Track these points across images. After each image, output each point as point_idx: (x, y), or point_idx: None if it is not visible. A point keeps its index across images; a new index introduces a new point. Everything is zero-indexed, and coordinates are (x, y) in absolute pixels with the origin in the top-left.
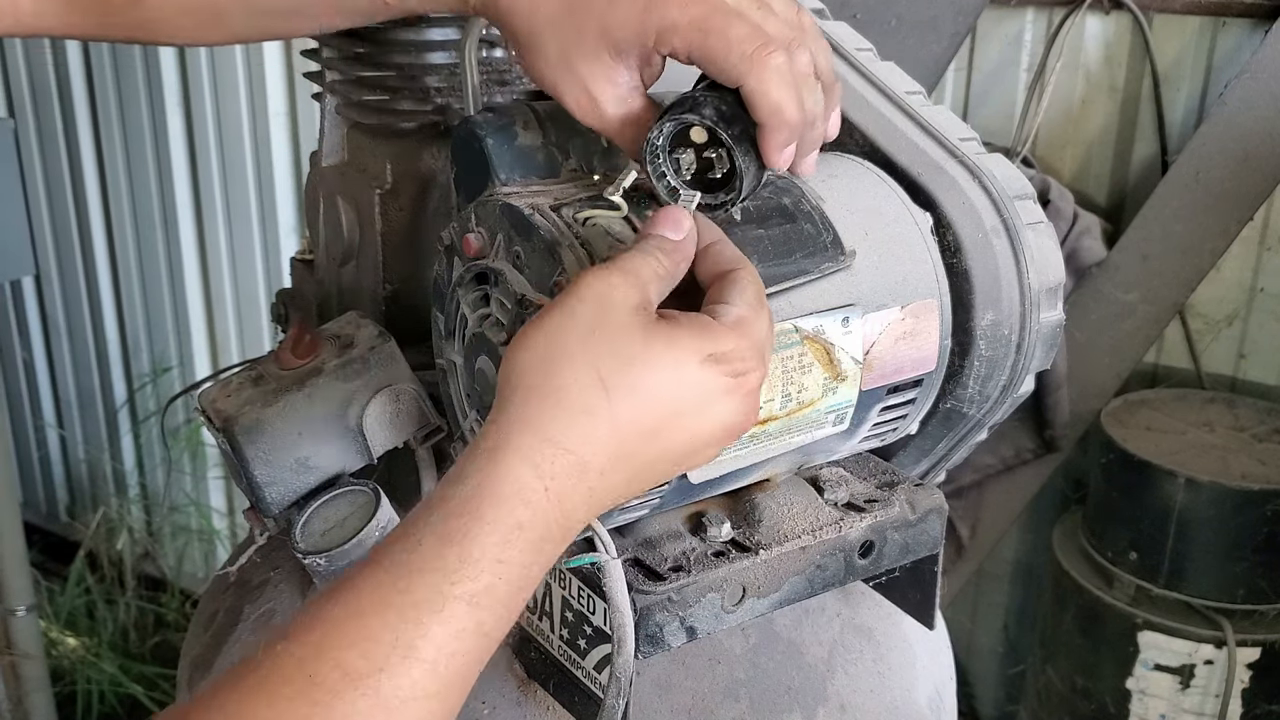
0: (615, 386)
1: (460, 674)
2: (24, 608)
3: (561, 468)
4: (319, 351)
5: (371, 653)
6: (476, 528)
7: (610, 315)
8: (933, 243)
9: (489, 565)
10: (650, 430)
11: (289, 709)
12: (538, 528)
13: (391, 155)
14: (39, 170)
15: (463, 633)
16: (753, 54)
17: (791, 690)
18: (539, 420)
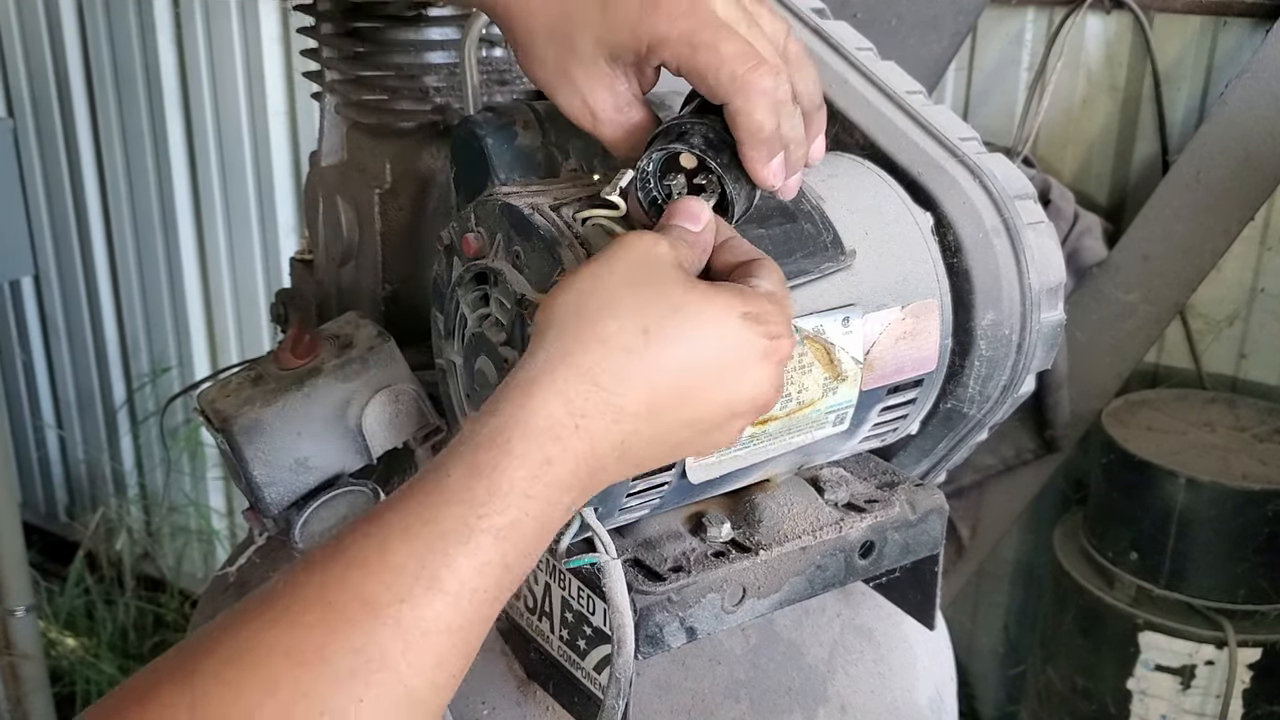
0: (657, 332)
1: (482, 610)
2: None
3: (595, 405)
4: (318, 351)
5: (394, 583)
6: (505, 461)
7: (655, 268)
8: (933, 242)
9: (517, 500)
10: (686, 386)
11: (307, 636)
12: (566, 464)
13: (391, 155)
14: (38, 170)
15: (487, 566)
16: (742, 74)
17: (792, 691)
18: (576, 354)
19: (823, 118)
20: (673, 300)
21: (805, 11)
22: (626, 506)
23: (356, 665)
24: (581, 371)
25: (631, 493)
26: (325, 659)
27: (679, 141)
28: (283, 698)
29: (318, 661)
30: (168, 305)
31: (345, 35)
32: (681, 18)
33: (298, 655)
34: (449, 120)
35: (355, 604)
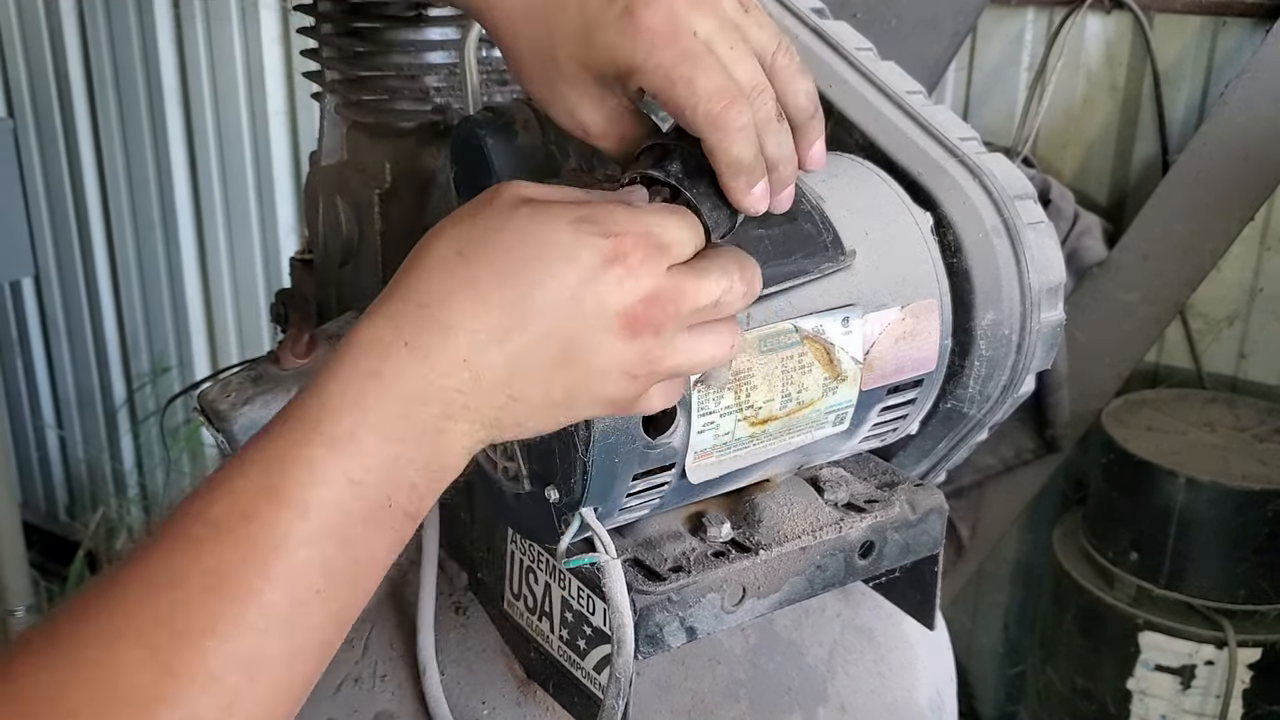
0: (473, 247)
1: (335, 523)
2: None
3: (419, 322)
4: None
5: (235, 504)
6: (333, 379)
7: (490, 202)
8: (933, 242)
9: (349, 411)
10: (516, 298)
11: (162, 562)
12: (401, 382)
13: (391, 155)
14: (38, 170)
15: (330, 479)
16: (718, 114)
17: (792, 691)
18: (401, 283)
19: (818, 124)
20: (493, 221)
21: (805, 11)
22: (626, 506)
23: (210, 583)
24: (403, 298)
25: (631, 492)
26: (176, 581)
27: (656, 167)
28: (140, 623)
29: (169, 584)
30: (168, 305)
31: (345, 35)
32: (658, 49)
33: (151, 580)
34: (449, 120)
35: (204, 529)
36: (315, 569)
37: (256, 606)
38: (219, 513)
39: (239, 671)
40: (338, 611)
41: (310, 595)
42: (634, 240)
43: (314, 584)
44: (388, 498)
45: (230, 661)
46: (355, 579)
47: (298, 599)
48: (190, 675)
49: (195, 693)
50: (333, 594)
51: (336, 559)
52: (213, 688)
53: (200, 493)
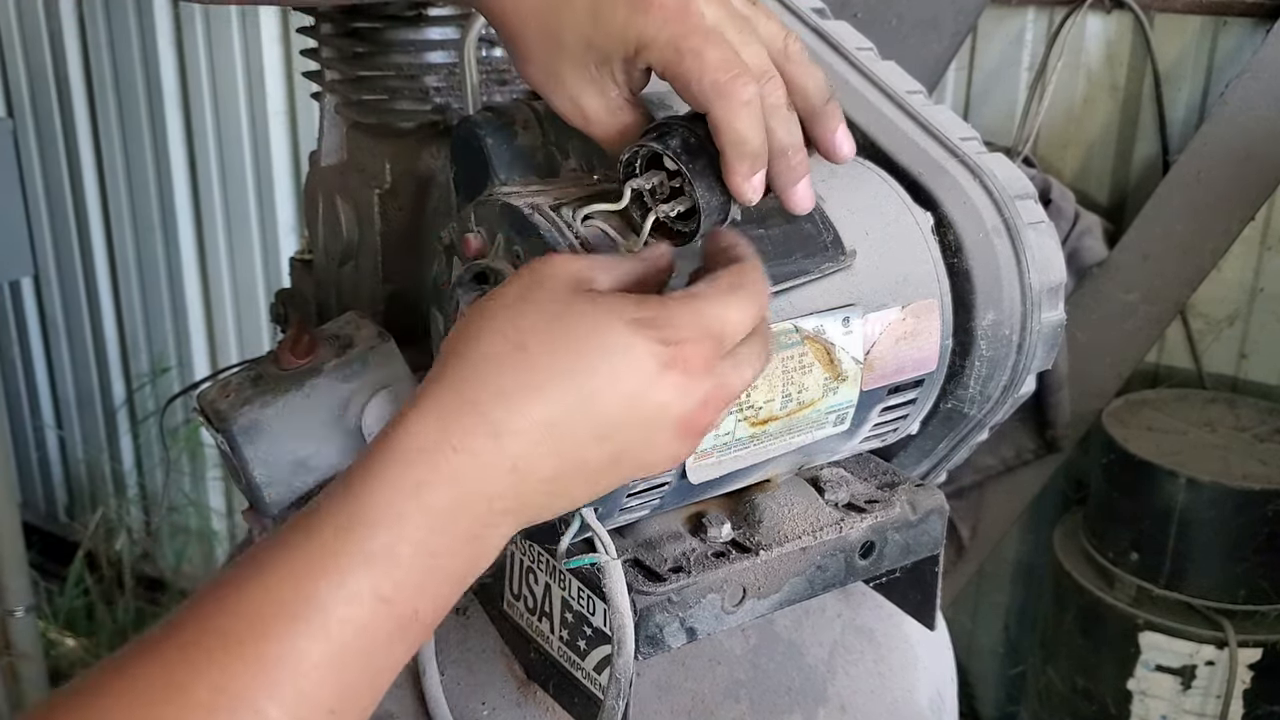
0: (535, 344)
1: (356, 645)
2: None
3: (471, 424)
4: (318, 352)
5: (250, 615)
6: (374, 484)
7: (541, 285)
8: (933, 242)
9: (387, 523)
10: (578, 399)
11: (167, 672)
12: (447, 493)
13: (391, 155)
14: (38, 170)
15: (358, 598)
16: (724, 83)
17: (792, 691)
18: (452, 379)
19: (834, 111)
20: (550, 311)
21: (805, 11)
22: (626, 507)
23: (218, 703)
24: (456, 393)
25: (631, 493)
26: (186, 695)
27: (658, 141)
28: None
29: (179, 697)
30: (167, 305)
31: (345, 35)
32: (669, 22)
33: (147, 691)
34: (449, 120)
35: (214, 640)
36: (330, 690)
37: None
38: (231, 625)
39: None
40: (336, 711)
41: (322, 714)
42: (694, 347)
43: (327, 704)
44: (416, 611)
45: None
46: (373, 691)
47: (306, 719)
48: None
49: None
50: (346, 712)
51: (354, 678)
52: None
53: (216, 592)
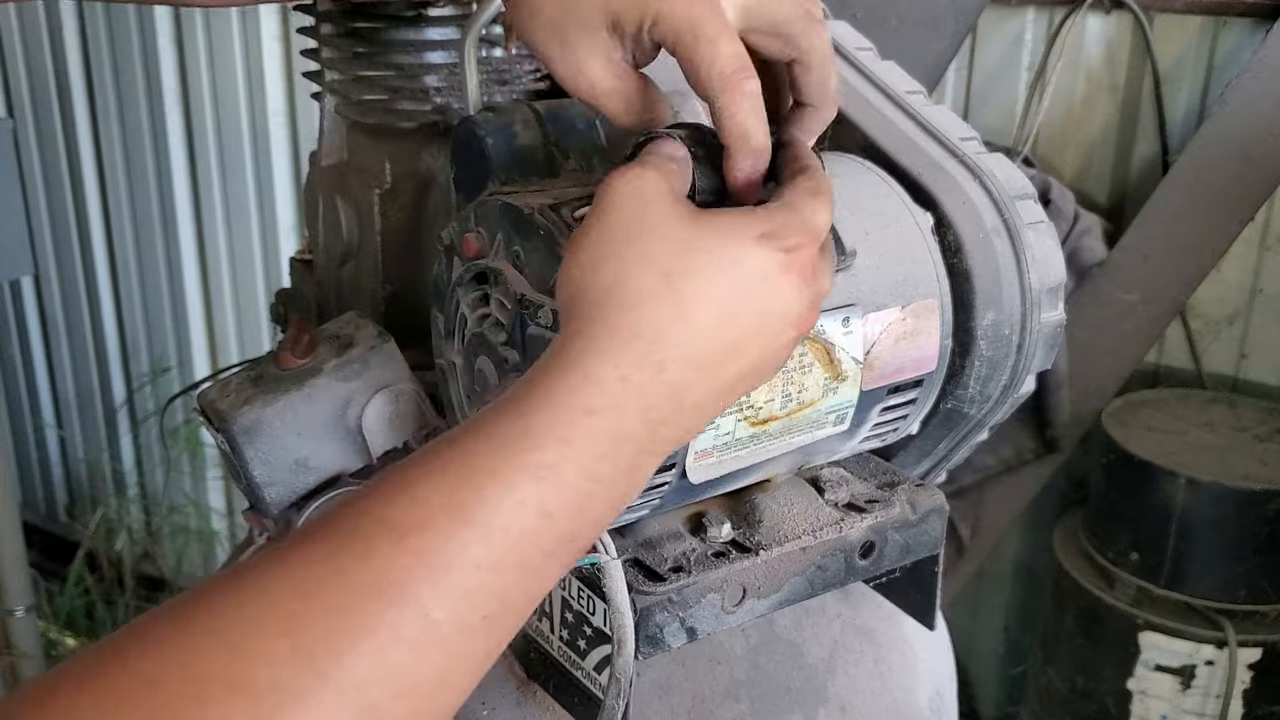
0: (676, 273)
1: (517, 553)
2: (23, 608)
3: (636, 356)
4: (318, 352)
5: (415, 511)
6: (543, 406)
7: (652, 207)
8: (933, 242)
9: (553, 443)
10: (719, 320)
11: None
12: (613, 418)
13: (391, 155)
14: (38, 170)
15: (521, 505)
16: (731, 74)
17: (792, 691)
18: (603, 316)
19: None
20: (681, 238)
21: None
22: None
23: (376, 585)
24: (615, 325)
25: None
26: (342, 578)
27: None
28: (287, 612)
29: (330, 575)
30: (168, 305)
31: (345, 35)
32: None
33: (308, 572)
34: (449, 120)
35: (378, 530)
36: (488, 595)
37: (419, 621)
38: (397, 516)
39: (384, 685)
40: (496, 644)
41: (478, 621)
42: (806, 251)
43: (484, 610)
44: (573, 533)
45: (378, 672)
46: (523, 611)
47: (464, 623)
48: (330, 677)
49: (331, 696)
50: (500, 623)
51: (512, 589)
52: (351, 695)
53: (375, 491)
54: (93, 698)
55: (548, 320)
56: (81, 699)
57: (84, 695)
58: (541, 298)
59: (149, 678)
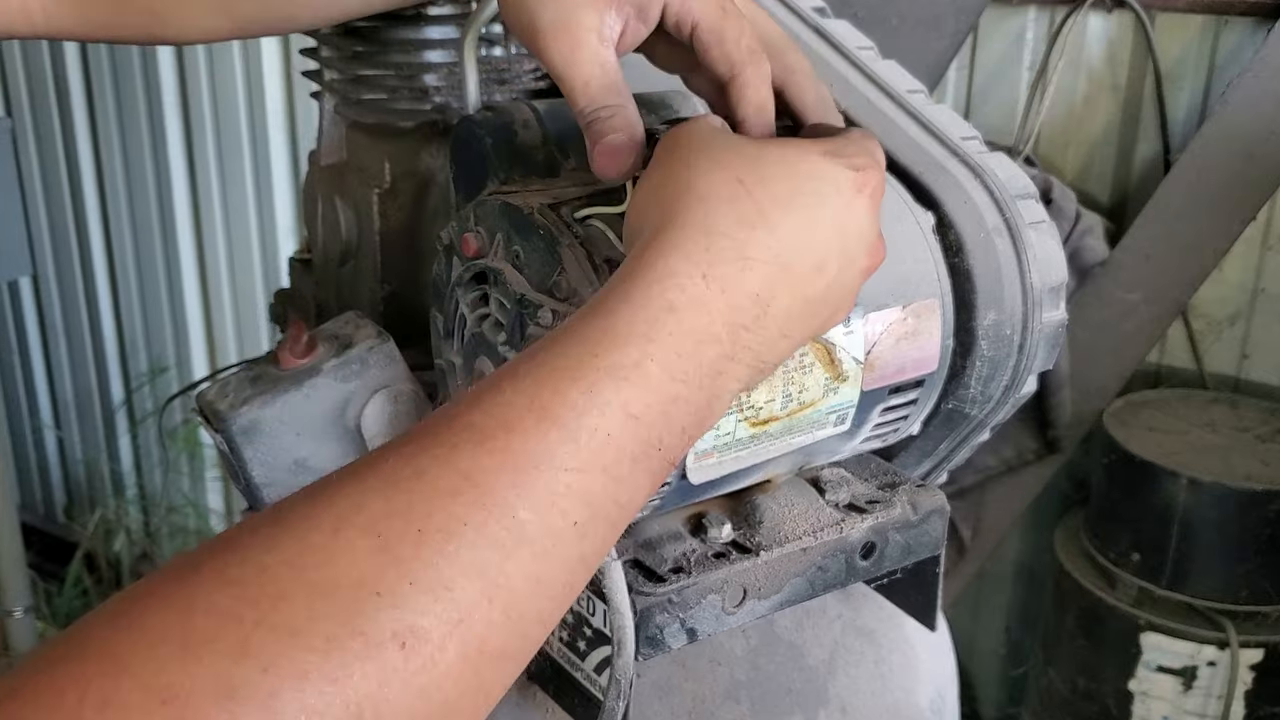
0: (751, 179)
1: (603, 456)
2: (21, 609)
3: (719, 252)
4: (317, 352)
5: (500, 413)
6: (623, 306)
7: (713, 133)
8: (935, 242)
9: (636, 341)
10: (798, 228)
11: (409, 458)
12: (696, 315)
13: (390, 155)
14: (36, 170)
15: (606, 406)
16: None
17: (792, 692)
18: (680, 219)
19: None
20: (749, 151)
21: (806, 10)
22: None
23: (459, 485)
24: (694, 226)
25: None
26: (420, 476)
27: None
28: (373, 513)
29: (411, 478)
30: (166, 305)
31: (344, 34)
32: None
33: (391, 474)
34: (449, 120)
35: (461, 433)
36: (577, 498)
37: (507, 520)
38: (480, 419)
39: (475, 586)
40: (589, 552)
41: (566, 525)
42: (875, 172)
43: (572, 514)
44: (659, 439)
45: (467, 572)
46: (613, 521)
47: (552, 526)
48: (420, 576)
49: (420, 595)
50: (590, 530)
51: (600, 494)
52: (442, 595)
53: (459, 400)
54: (174, 611)
55: (548, 320)
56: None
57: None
58: (541, 298)
59: (230, 579)
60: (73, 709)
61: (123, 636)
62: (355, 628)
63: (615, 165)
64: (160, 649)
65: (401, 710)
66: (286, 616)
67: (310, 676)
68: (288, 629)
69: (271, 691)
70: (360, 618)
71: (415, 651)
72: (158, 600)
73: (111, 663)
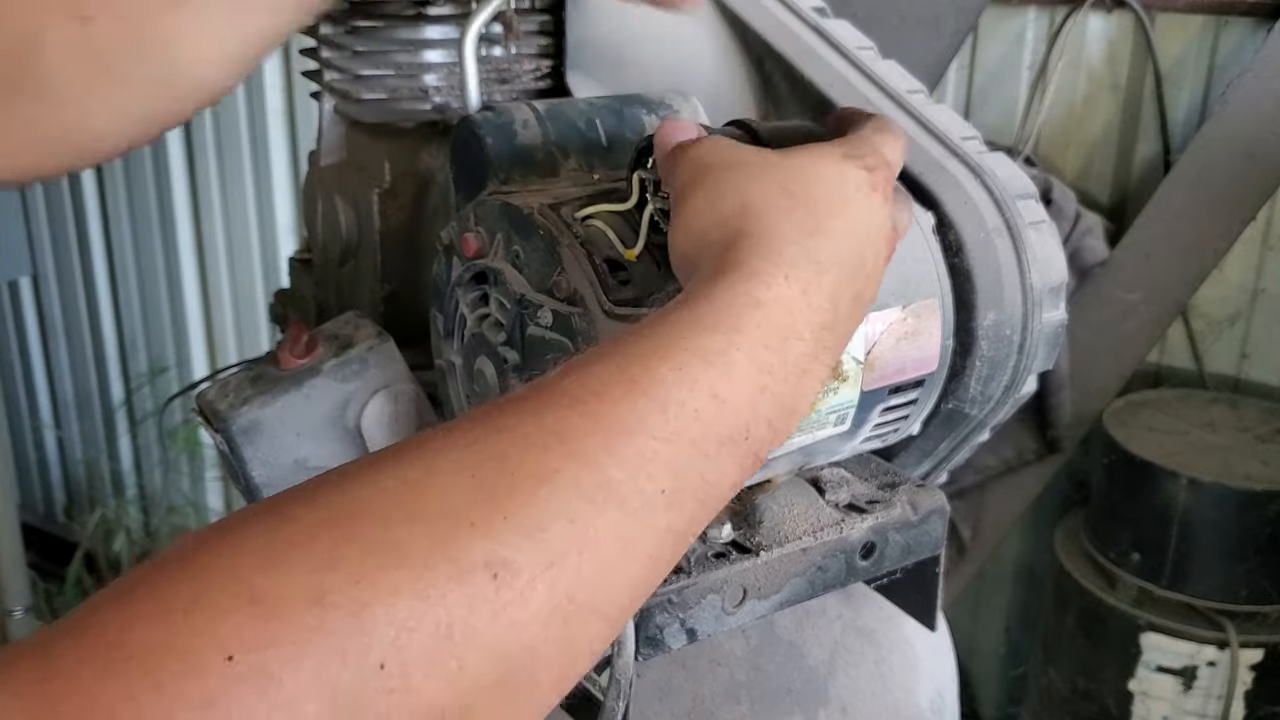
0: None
1: (692, 430)
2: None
3: (794, 255)
4: (317, 352)
5: (590, 381)
6: (707, 299)
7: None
8: (934, 242)
9: (724, 331)
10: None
11: (501, 415)
12: (780, 312)
13: (390, 154)
14: None
15: (694, 384)
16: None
17: (792, 692)
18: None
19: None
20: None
21: (806, 10)
22: None
23: (549, 442)
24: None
25: None
26: (513, 429)
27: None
28: (468, 456)
29: (506, 430)
30: (166, 305)
31: (344, 34)
32: None
33: (484, 426)
34: (449, 120)
35: (552, 396)
36: (665, 467)
37: (597, 475)
38: (569, 385)
39: (566, 533)
40: (678, 526)
41: (655, 492)
42: (886, 172)
43: (660, 482)
44: (747, 427)
45: (559, 518)
46: (702, 501)
47: (641, 489)
48: (513, 514)
49: (514, 533)
50: (678, 503)
51: (688, 468)
52: (536, 535)
53: (551, 372)
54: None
55: (548, 320)
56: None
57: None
58: (541, 298)
59: (320, 501)
60: (160, 611)
61: (209, 547)
62: (448, 552)
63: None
64: (246, 556)
65: (491, 641)
66: (377, 535)
67: (401, 592)
68: (377, 545)
69: (363, 603)
70: (453, 543)
71: (506, 584)
72: (241, 520)
73: (197, 569)
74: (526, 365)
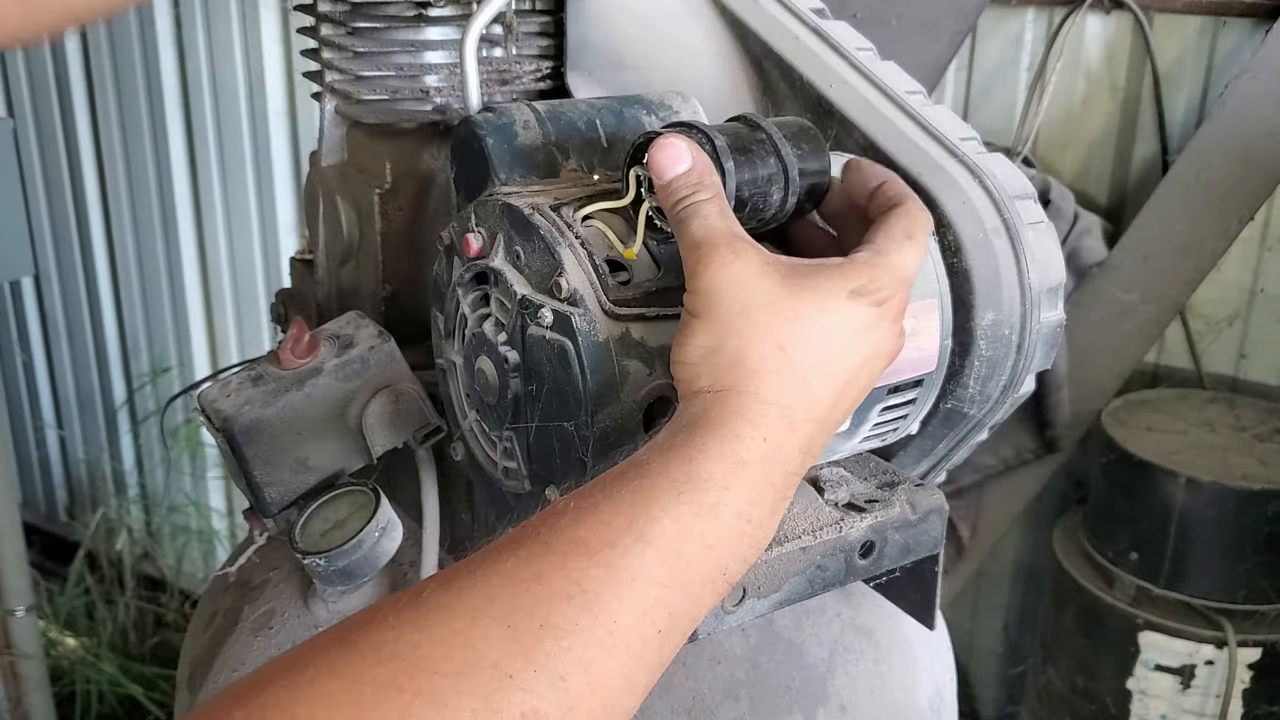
0: (790, 345)
1: (685, 575)
2: (23, 608)
3: (773, 419)
4: (318, 352)
5: (603, 531)
6: (701, 455)
7: (749, 286)
8: (933, 242)
9: (716, 487)
10: (831, 379)
11: (529, 562)
12: (761, 471)
13: (391, 155)
14: (38, 170)
15: (690, 536)
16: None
17: (792, 691)
18: (737, 387)
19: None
20: (786, 308)
21: (805, 11)
22: None
23: (571, 591)
24: (749, 396)
25: None
26: (539, 579)
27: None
28: (503, 606)
29: (532, 580)
30: (168, 305)
31: (345, 35)
32: None
33: (514, 574)
34: (449, 120)
35: (570, 546)
36: (662, 611)
37: (608, 625)
38: (586, 534)
39: (583, 679)
40: (665, 658)
41: (652, 633)
42: (896, 301)
43: (658, 623)
44: (726, 566)
45: (577, 666)
46: (684, 632)
47: (642, 633)
48: (541, 666)
49: (543, 684)
50: (668, 639)
51: (679, 608)
52: (559, 685)
53: (561, 512)
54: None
55: (548, 320)
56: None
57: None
58: (541, 298)
59: (387, 655)
60: None
61: (300, 698)
62: (493, 704)
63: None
64: (335, 714)
65: None
66: (439, 691)
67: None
68: (440, 701)
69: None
70: (497, 695)
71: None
72: (324, 670)
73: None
74: (527, 365)
